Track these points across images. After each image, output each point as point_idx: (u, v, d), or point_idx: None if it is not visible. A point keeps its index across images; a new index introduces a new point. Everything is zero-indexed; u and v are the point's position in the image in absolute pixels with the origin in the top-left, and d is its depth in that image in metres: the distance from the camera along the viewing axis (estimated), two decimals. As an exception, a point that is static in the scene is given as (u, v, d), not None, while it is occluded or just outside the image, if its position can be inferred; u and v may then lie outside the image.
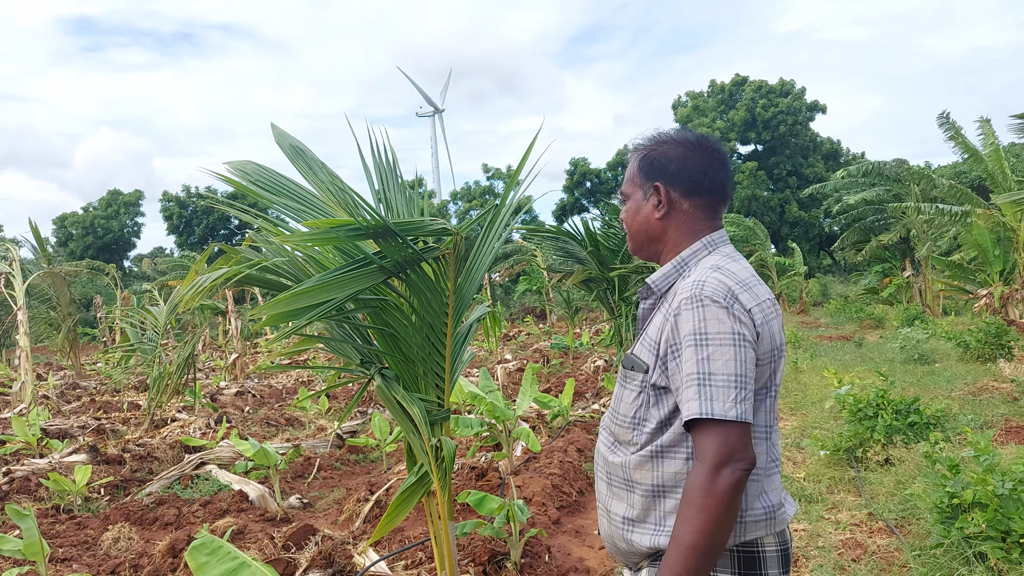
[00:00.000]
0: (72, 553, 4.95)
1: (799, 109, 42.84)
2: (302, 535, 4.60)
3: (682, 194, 1.78)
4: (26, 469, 7.01)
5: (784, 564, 1.67)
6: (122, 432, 9.45)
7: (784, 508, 1.70)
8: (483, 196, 51.93)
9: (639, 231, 1.85)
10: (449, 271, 2.92)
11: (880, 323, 19.34)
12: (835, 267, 44.81)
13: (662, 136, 1.84)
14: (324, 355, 17.64)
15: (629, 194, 1.87)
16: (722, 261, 1.71)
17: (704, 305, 1.58)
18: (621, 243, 7.71)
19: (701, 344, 1.55)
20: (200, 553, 2.58)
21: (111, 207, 50.37)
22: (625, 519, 1.72)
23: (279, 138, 3.23)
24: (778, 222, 41.96)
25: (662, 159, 1.79)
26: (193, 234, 49.99)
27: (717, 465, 1.48)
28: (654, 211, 1.80)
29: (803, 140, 43.70)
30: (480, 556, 4.31)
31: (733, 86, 44.17)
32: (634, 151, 1.87)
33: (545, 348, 17.86)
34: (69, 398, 13.69)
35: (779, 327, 1.69)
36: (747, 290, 1.63)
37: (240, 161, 3.05)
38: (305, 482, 6.92)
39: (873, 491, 5.39)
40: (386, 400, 3.11)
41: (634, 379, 1.72)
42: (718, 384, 1.51)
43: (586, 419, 8.35)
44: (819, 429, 7.28)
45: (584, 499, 5.95)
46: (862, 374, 9.84)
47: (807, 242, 41.90)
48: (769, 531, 1.65)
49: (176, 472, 6.93)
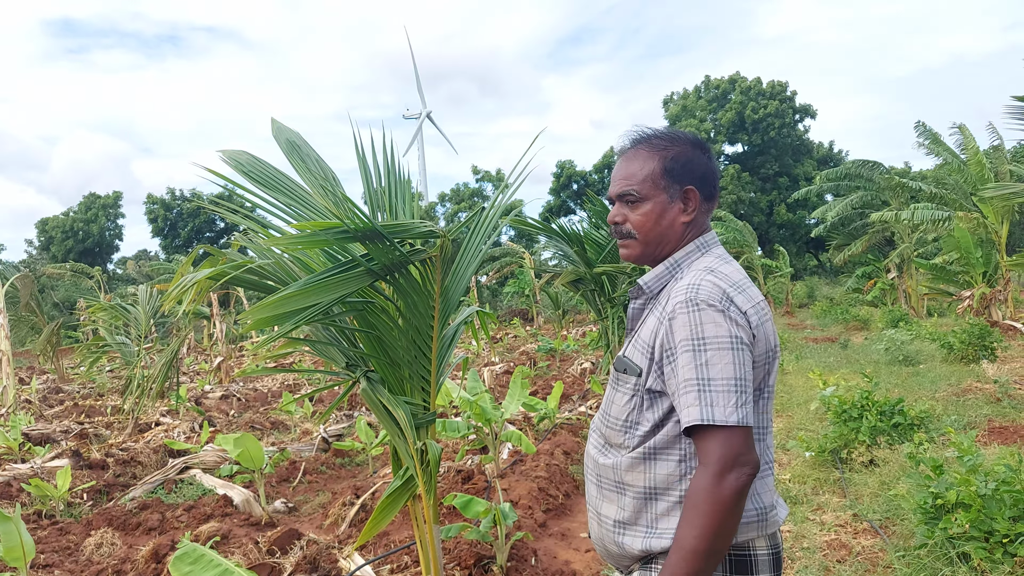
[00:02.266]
0: (54, 559, 4.90)
1: (787, 112, 43.03)
2: (287, 539, 4.57)
3: (704, 197, 1.77)
4: (7, 474, 6.93)
5: (776, 567, 1.67)
6: (105, 436, 9.36)
7: (776, 510, 1.70)
8: (472, 198, 51.89)
9: (658, 236, 1.76)
10: (436, 273, 2.91)
11: (865, 325, 19.46)
12: (821, 269, 45.08)
13: (675, 135, 1.78)
14: (310, 358, 17.56)
15: (648, 196, 1.75)
16: (715, 263, 1.70)
17: (700, 309, 1.57)
18: (606, 242, 7.69)
19: (699, 349, 1.54)
20: (183, 563, 2.56)
21: (90, 210, 49.98)
22: (616, 522, 1.71)
23: (276, 132, 3.19)
24: (766, 224, 42.14)
25: (693, 163, 1.75)
26: (178, 237, 49.70)
27: (722, 470, 1.48)
28: (681, 215, 1.75)
29: (792, 142, 43.88)
30: (466, 560, 4.29)
31: (729, 83, 44.21)
32: (646, 148, 1.77)
33: (532, 350, 17.85)
34: (52, 402, 13.57)
35: (773, 328, 1.69)
36: (741, 292, 1.63)
37: (235, 151, 3.00)
38: (290, 486, 6.88)
39: (858, 492, 5.41)
40: (371, 403, 3.09)
41: (627, 382, 1.70)
42: (718, 389, 1.51)
43: (573, 422, 8.34)
44: (804, 431, 7.31)
45: (571, 502, 5.94)
46: (847, 376, 9.88)
47: (793, 244, 42.11)
48: (760, 533, 1.64)
49: (160, 476, 6.88)
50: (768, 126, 42.49)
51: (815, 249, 44.04)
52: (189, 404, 11.03)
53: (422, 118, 52.94)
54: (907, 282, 21.90)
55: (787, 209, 41.45)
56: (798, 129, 44.23)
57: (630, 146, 1.81)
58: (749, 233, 27.62)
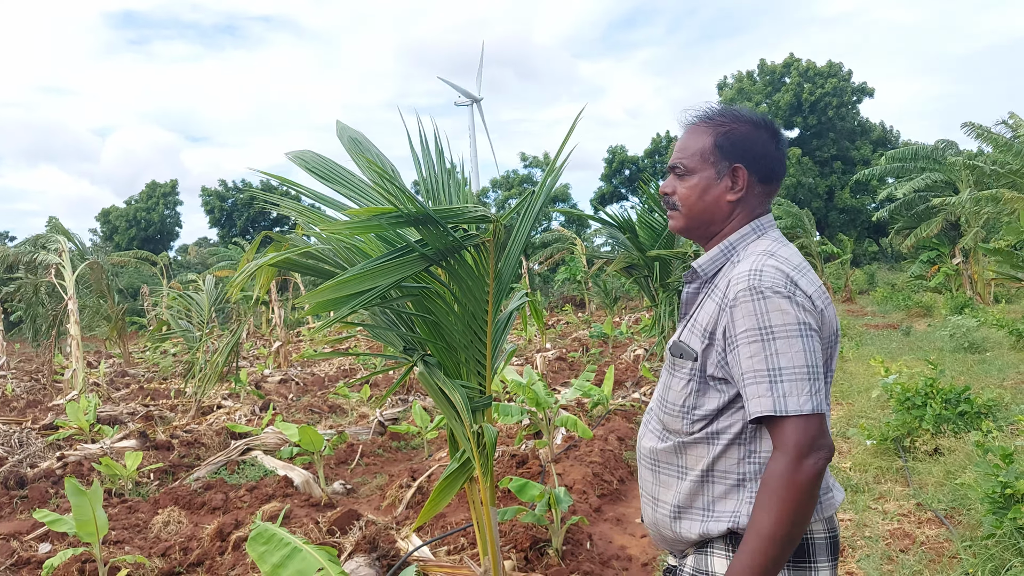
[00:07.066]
0: (124, 536, 5.09)
1: (845, 92, 41.86)
2: (346, 520, 4.66)
3: (759, 179, 1.73)
4: (79, 454, 7.21)
5: (832, 551, 1.64)
6: (170, 419, 9.67)
7: (832, 494, 1.67)
8: (521, 184, 51.87)
9: (702, 211, 1.74)
10: (489, 258, 2.93)
11: (928, 311, 18.91)
12: (881, 254, 43.89)
13: (738, 113, 1.75)
14: (365, 343, 17.82)
15: (695, 169, 1.73)
16: (773, 246, 1.66)
17: (765, 297, 1.53)
18: (661, 229, 7.61)
19: (767, 339, 1.51)
20: (257, 543, 2.66)
21: (151, 199, 51.51)
22: (673, 507, 1.70)
23: (340, 131, 3.35)
24: (824, 208, 41.13)
25: (746, 140, 1.71)
26: (234, 226, 50.97)
27: (799, 455, 1.46)
28: (727, 193, 1.72)
29: (849, 124, 42.70)
30: (521, 542, 4.32)
31: (783, 67, 43.23)
32: (704, 123, 1.75)
33: (584, 337, 17.81)
34: (118, 385, 14.05)
35: (834, 312, 1.65)
36: (804, 275, 1.60)
37: (300, 150, 3.18)
38: (348, 468, 7.02)
39: (921, 481, 5.28)
40: (429, 387, 3.14)
41: (683, 367, 1.68)
42: (790, 379, 1.48)
43: (626, 408, 8.32)
44: (865, 418, 7.16)
45: (625, 487, 5.93)
46: (910, 363, 9.62)
47: (853, 229, 41.02)
48: (817, 516, 1.62)
49: (223, 458, 7.08)
50: (825, 106, 41.40)
51: (875, 234, 42.86)
52: (249, 388, 11.31)
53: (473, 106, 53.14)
54: (972, 268, 21.17)
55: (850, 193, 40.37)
56: (858, 112, 43.02)
57: (693, 121, 1.79)
58: (808, 218, 27.02)
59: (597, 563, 4.31)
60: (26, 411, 11.26)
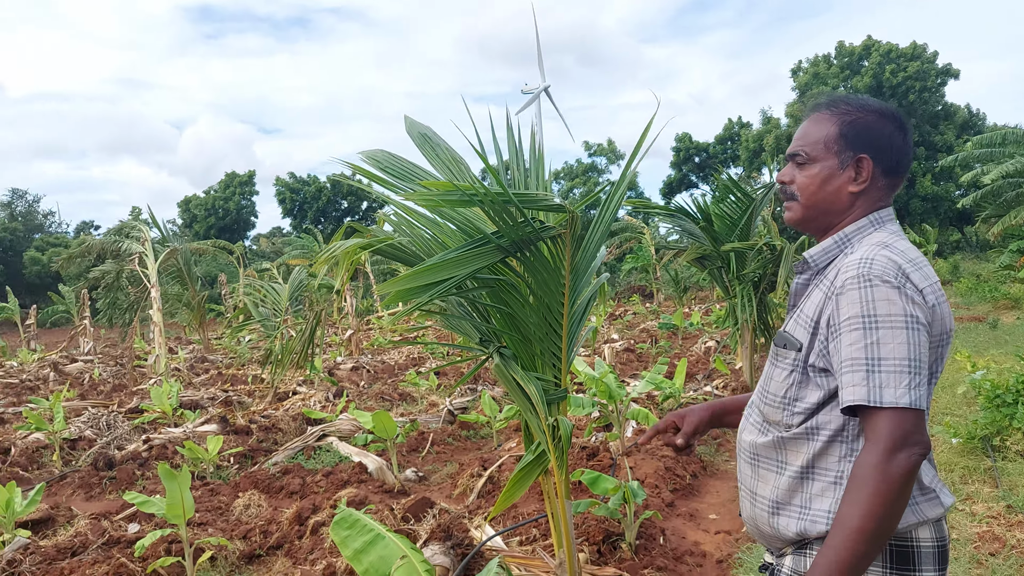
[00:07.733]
0: (208, 518, 5.27)
1: (929, 74, 40.15)
2: (420, 507, 4.72)
3: (883, 171, 1.67)
4: (163, 437, 7.50)
5: (941, 561, 1.57)
6: (248, 404, 9.97)
7: (937, 496, 1.59)
8: (586, 174, 51.49)
9: (822, 200, 1.70)
10: (566, 250, 2.92)
11: (1017, 303, 18.06)
12: (965, 244, 42.10)
13: (865, 102, 1.71)
14: (434, 333, 18.02)
15: (817, 158, 1.69)
16: (889, 238, 1.60)
17: (873, 285, 1.48)
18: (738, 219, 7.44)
19: (870, 327, 1.46)
20: (341, 527, 2.73)
21: (228, 188, 53.04)
22: (772, 502, 1.67)
23: (410, 127, 3.40)
24: (905, 196, 39.63)
25: (873, 131, 1.66)
26: (306, 217, 52.13)
27: (892, 448, 1.41)
28: (850, 184, 1.67)
29: (932, 108, 40.94)
30: (594, 535, 4.31)
31: (863, 49, 41.71)
32: (829, 111, 1.71)
33: (653, 328, 17.61)
34: (198, 371, 14.55)
35: (948, 310, 1.58)
36: (918, 269, 1.54)
37: (373, 150, 3.24)
38: (419, 456, 7.11)
39: (1012, 482, 5.06)
40: (504, 378, 3.14)
41: (786, 357, 1.65)
42: (889, 370, 1.44)
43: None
44: (951, 416, 6.89)
45: (698, 482, 5.85)
46: (997, 358, 9.22)
47: (936, 217, 39.42)
48: (919, 518, 1.54)
49: (299, 443, 7.26)
50: (907, 90, 39.77)
51: (959, 222, 41.11)
52: (323, 375, 11.56)
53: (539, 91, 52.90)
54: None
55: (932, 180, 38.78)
56: (940, 92, 41.19)
57: (815, 109, 1.74)
58: (890, 207, 26.02)
59: (671, 558, 4.26)
60: (112, 395, 11.77)
